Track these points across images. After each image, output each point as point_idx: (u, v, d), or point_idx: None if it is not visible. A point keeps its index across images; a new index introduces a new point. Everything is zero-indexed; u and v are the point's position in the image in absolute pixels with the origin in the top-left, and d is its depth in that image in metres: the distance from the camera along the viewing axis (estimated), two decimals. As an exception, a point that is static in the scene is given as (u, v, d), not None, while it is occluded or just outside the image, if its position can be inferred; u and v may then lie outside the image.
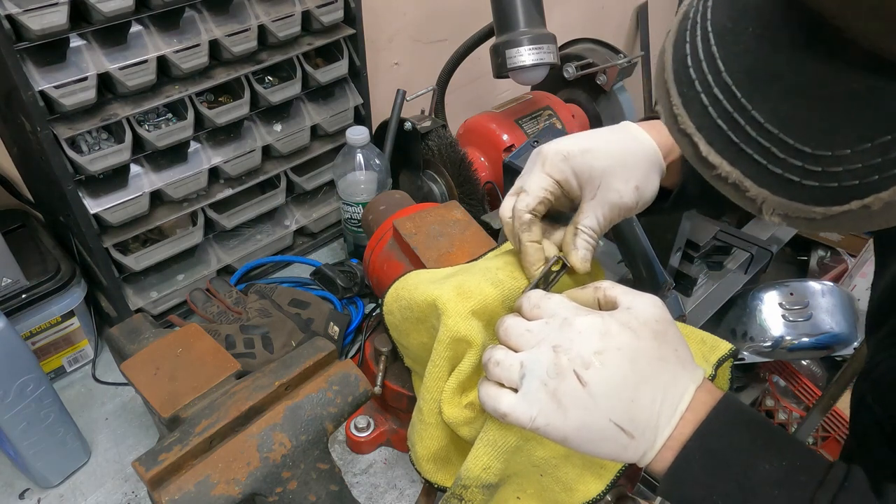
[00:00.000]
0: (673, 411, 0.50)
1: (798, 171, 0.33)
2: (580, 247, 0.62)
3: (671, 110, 0.37)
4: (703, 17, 0.36)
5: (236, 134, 1.01)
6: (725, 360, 0.66)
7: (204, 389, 0.66)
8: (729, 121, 0.34)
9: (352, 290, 1.04)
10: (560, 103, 1.28)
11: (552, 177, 0.62)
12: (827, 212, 0.33)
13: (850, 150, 0.31)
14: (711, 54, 0.35)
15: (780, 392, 1.83)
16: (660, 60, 0.39)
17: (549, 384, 0.51)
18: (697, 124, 0.36)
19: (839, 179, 0.32)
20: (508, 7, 1.05)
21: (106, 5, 0.77)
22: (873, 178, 0.31)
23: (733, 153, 0.35)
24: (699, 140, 0.36)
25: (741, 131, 0.34)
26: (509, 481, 0.64)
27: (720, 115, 0.34)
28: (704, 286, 1.23)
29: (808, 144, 0.32)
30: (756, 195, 0.35)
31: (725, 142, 0.35)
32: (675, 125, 0.37)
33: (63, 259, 0.93)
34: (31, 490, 0.82)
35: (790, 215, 0.35)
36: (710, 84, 0.35)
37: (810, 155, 0.32)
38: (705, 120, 0.35)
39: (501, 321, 0.57)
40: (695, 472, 0.49)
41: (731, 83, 0.34)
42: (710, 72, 0.35)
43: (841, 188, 0.32)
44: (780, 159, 0.33)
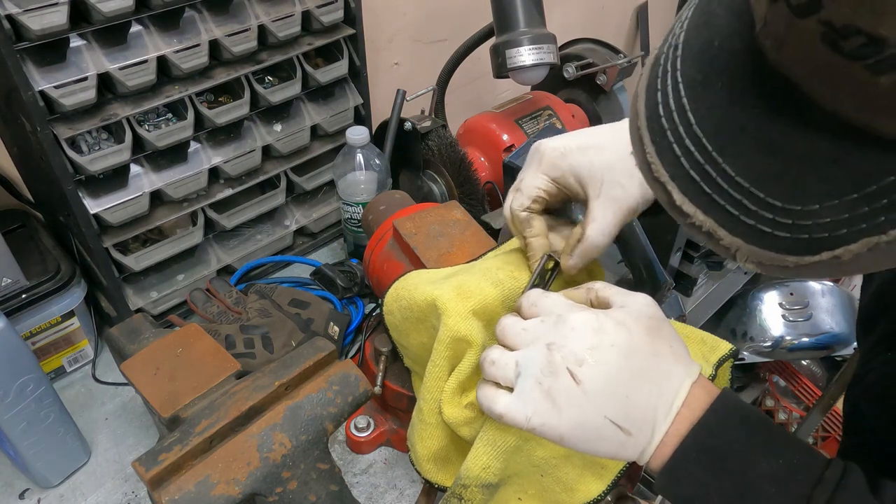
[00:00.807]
0: (669, 407, 0.50)
1: (769, 222, 0.33)
2: (576, 255, 0.62)
3: (645, 158, 0.37)
4: (673, 66, 0.36)
5: (236, 134, 1.01)
6: (726, 360, 0.66)
7: (204, 389, 0.66)
8: (701, 172, 0.34)
9: (352, 290, 1.04)
10: (560, 103, 1.28)
11: (548, 174, 0.63)
12: (799, 261, 0.34)
13: (819, 206, 0.32)
14: (682, 106, 0.35)
15: (780, 392, 1.83)
16: (633, 106, 0.39)
17: (543, 383, 0.51)
18: (671, 173, 0.36)
19: (809, 232, 0.32)
20: (508, 7, 1.05)
21: (106, 5, 0.77)
22: (842, 231, 0.32)
23: (706, 203, 0.35)
24: (673, 189, 0.36)
25: (713, 183, 0.34)
26: (510, 482, 0.64)
27: (692, 167, 0.35)
28: (704, 286, 1.23)
29: (777, 199, 0.33)
30: (730, 244, 0.35)
31: (698, 192, 0.35)
32: (650, 173, 0.37)
33: (63, 259, 0.92)
34: (31, 490, 0.82)
35: (764, 263, 0.35)
36: (682, 135, 0.35)
37: (780, 208, 0.33)
38: (678, 170, 0.35)
39: (499, 321, 0.57)
40: (691, 469, 0.49)
41: (701, 136, 0.34)
42: (682, 123, 0.35)
43: (812, 240, 0.33)
44: (751, 211, 0.34)
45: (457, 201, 0.92)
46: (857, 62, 0.27)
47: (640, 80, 0.38)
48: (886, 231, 0.31)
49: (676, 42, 0.36)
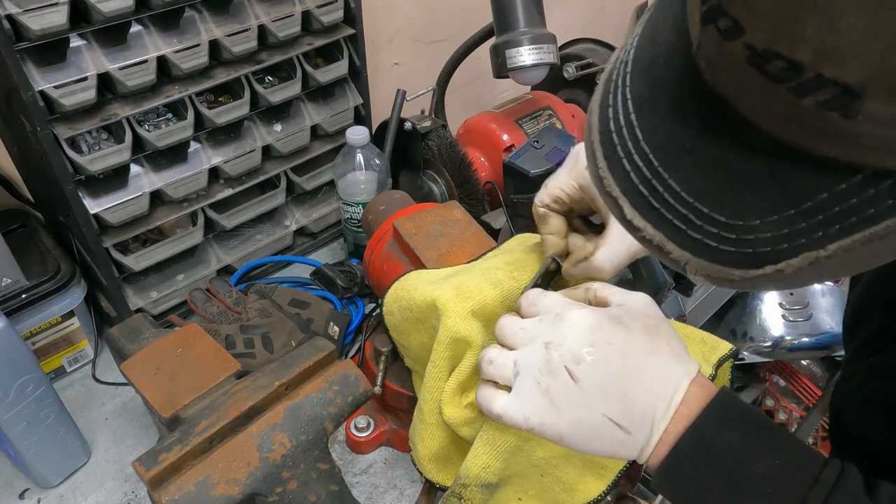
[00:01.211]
0: (667, 406, 0.50)
1: (715, 237, 0.34)
2: (578, 269, 0.62)
3: (598, 172, 0.38)
4: (623, 82, 0.37)
5: (236, 134, 1.01)
6: (726, 360, 0.66)
7: (204, 389, 0.66)
8: (649, 187, 0.35)
9: (352, 290, 1.04)
10: (560, 103, 1.28)
11: (575, 181, 0.63)
12: (744, 274, 0.34)
13: (760, 221, 0.32)
14: (630, 122, 0.35)
15: (780, 392, 1.83)
16: (588, 119, 0.39)
17: (541, 382, 0.51)
18: (622, 188, 0.36)
19: (752, 246, 0.33)
20: (508, 7, 1.05)
21: (106, 5, 0.77)
22: (783, 246, 0.32)
23: (655, 217, 0.35)
24: (624, 203, 0.36)
25: (660, 198, 0.35)
26: (510, 482, 0.64)
27: (641, 182, 0.35)
28: (704, 286, 1.23)
29: (721, 214, 0.33)
30: (679, 257, 0.36)
31: (647, 207, 0.35)
32: (602, 187, 0.38)
33: (63, 259, 0.92)
34: (31, 490, 0.82)
35: (712, 275, 0.36)
36: (631, 151, 0.35)
37: (724, 223, 0.33)
38: (629, 185, 0.36)
39: (498, 321, 0.57)
40: (687, 468, 0.49)
41: (648, 152, 0.35)
42: (630, 139, 0.35)
43: (755, 254, 0.33)
44: (697, 226, 0.34)
45: (457, 201, 0.92)
46: (781, 85, 0.27)
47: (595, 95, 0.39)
48: (825, 246, 0.31)
49: (627, 58, 0.37)
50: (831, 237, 0.31)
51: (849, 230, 0.31)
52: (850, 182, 0.30)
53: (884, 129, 0.27)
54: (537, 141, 0.99)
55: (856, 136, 0.27)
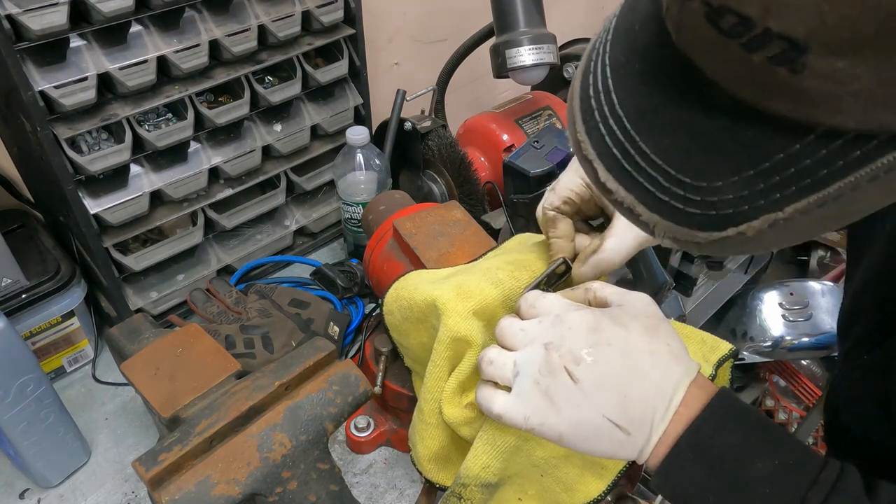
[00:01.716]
0: (667, 406, 0.50)
1: (681, 199, 0.35)
2: (589, 264, 0.62)
3: (576, 137, 0.39)
4: (603, 49, 0.38)
5: (236, 134, 1.01)
6: (726, 361, 0.66)
7: (204, 389, 0.66)
8: (622, 150, 0.36)
9: (352, 290, 1.04)
10: (560, 103, 1.28)
11: (584, 179, 0.63)
12: (709, 237, 0.35)
13: (722, 182, 0.34)
14: (608, 87, 0.37)
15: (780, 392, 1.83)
16: (571, 86, 0.40)
17: (541, 382, 0.51)
18: (597, 151, 0.38)
19: (716, 208, 0.34)
20: (508, 7, 1.05)
21: (106, 5, 0.77)
22: (744, 207, 0.33)
23: (627, 180, 0.37)
24: (598, 166, 0.38)
25: (632, 160, 0.36)
26: (510, 482, 0.64)
27: (615, 145, 0.37)
28: (704, 286, 1.23)
29: (687, 175, 0.35)
30: (648, 220, 0.37)
31: (619, 169, 0.37)
32: (580, 151, 0.39)
33: (63, 259, 0.92)
34: (31, 490, 0.82)
35: (679, 238, 0.37)
36: (607, 115, 0.37)
37: (689, 185, 0.35)
38: (603, 148, 0.37)
39: (498, 322, 0.57)
40: (686, 468, 0.49)
41: (622, 115, 0.36)
42: (607, 104, 0.37)
43: (718, 216, 0.34)
44: (665, 188, 0.35)
45: (457, 201, 0.92)
46: (734, 40, 0.28)
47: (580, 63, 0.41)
48: (783, 208, 0.32)
49: (609, 27, 0.38)
50: (788, 199, 0.32)
51: (804, 192, 0.31)
52: (804, 142, 0.31)
53: (828, 83, 0.27)
54: (537, 141, 0.99)
55: (803, 91, 0.28)
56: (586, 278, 0.63)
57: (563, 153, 0.97)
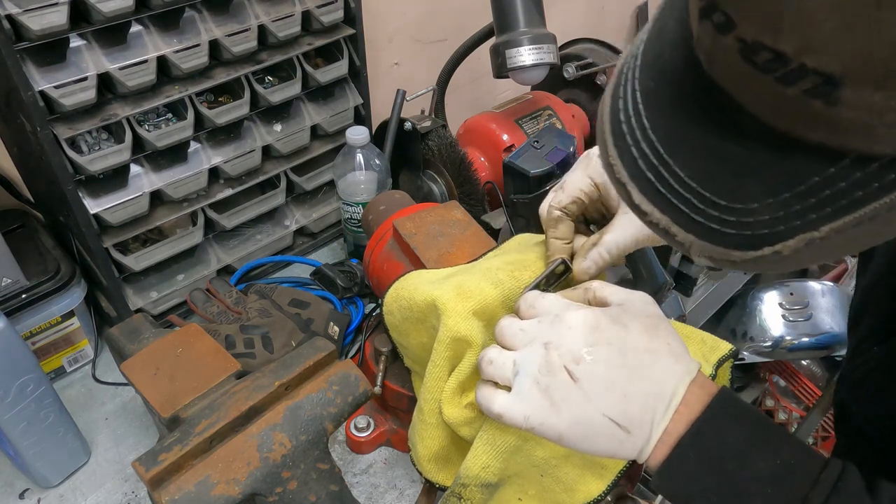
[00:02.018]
0: (667, 405, 0.51)
1: (716, 220, 0.36)
2: (589, 258, 0.63)
3: (608, 160, 0.39)
4: (632, 74, 0.39)
5: (236, 134, 1.01)
6: (725, 361, 0.66)
7: (204, 389, 0.66)
8: (655, 173, 0.37)
9: (352, 290, 1.04)
10: (560, 103, 1.28)
11: (592, 178, 0.64)
12: (744, 256, 0.36)
13: (757, 204, 0.34)
14: (638, 112, 0.37)
15: (780, 392, 1.83)
16: (600, 110, 0.41)
17: (541, 382, 0.51)
18: (630, 174, 0.38)
19: (751, 228, 0.35)
20: (508, 7, 1.05)
21: (106, 5, 0.77)
22: (780, 228, 0.34)
23: (662, 202, 0.37)
24: (632, 189, 0.38)
25: (665, 183, 0.37)
26: (510, 482, 0.64)
27: (648, 168, 0.37)
28: (704, 286, 1.23)
29: (721, 198, 0.35)
30: (684, 240, 0.37)
31: (654, 192, 0.37)
32: (613, 174, 0.39)
33: (63, 259, 0.92)
34: (31, 490, 0.82)
35: (715, 258, 0.37)
36: (639, 139, 0.37)
37: (724, 207, 0.35)
38: (636, 171, 0.38)
39: (498, 322, 0.57)
40: (687, 468, 0.49)
41: (654, 140, 0.37)
42: (638, 128, 0.37)
43: (754, 236, 0.35)
44: (700, 209, 0.36)
45: (457, 201, 0.92)
46: (768, 75, 0.29)
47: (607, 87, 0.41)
48: (818, 228, 0.33)
49: (637, 52, 0.39)
50: (824, 219, 0.32)
51: (840, 212, 0.32)
52: (839, 166, 0.31)
53: (863, 115, 0.28)
54: (537, 141, 0.99)
55: (838, 122, 0.29)
56: (587, 272, 0.63)
57: (563, 153, 0.97)
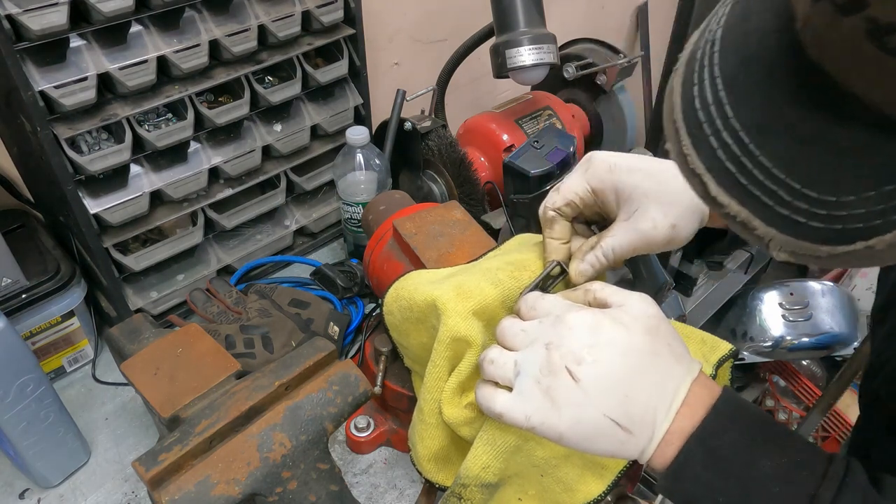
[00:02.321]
0: (669, 405, 0.51)
1: (804, 213, 0.34)
2: (587, 261, 0.62)
3: (681, 150, 0.38)
4: (710, 61, 0.37)
5: (236, 134, 1.01)
6: (726, 361, 0.66)
7: (204, 389, 0.66)
8: (737, 164, 0.35)
9: (352, 290, 1.04)
10: (560, 103, 1.28)
11: (589, 184, 0.63)
12: (832, 251, 0.34)
13: (855, 197, 0.33)
14: (719, 100, 0.36)
15: (780, 392, 1.83)
16: (668, 99, 0.39)
17: (542, 382, 0.51)
18: (707, 165, 0.37)
19: (843, 222, 0.33)
20: (508, 7, 1.05)
21: (106, 5, 0.77)
22: (877, 222, 0.32)
23: (741, 194, 0.36)
24: (709, 181, 0.37)
25: (749, 174, 0.35)
26: (510, 482, 0.64)
27: (729, 159, 0.35)
28: (704, 286, 1.23)
29: (813, 189, 0.33)
30: (764, 234, 0.36)
31: (734, 183, 0.36)
32: (685, 165, 0.38)
33: (63, 259, 0.92)
34: (31, 490, 0.82)
35: (797, 252, 0.36)
36: (719, 128, 0.35)
37: (815, 199, 0.33)
38: (714, 162, 0.36)
39: (499, 323, 0.57)
40: (696, 469, 0.49)
41: (738, 128, 0.35)
42: (719, 116, 0.35)
43: (845, 230, 0.33)
44: (786, 202, 0.34)
45: (457, 201, 0.92)
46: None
47: (674, 76, 0.39)
48: None
49: (713, 38, 0.37)
50: None
51: None
52: None
53: None
54: (537, 141, 0.99)
55: None
56: (583, 275, 0.63)
57: (563, 153, 0.97)
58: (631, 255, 0.62)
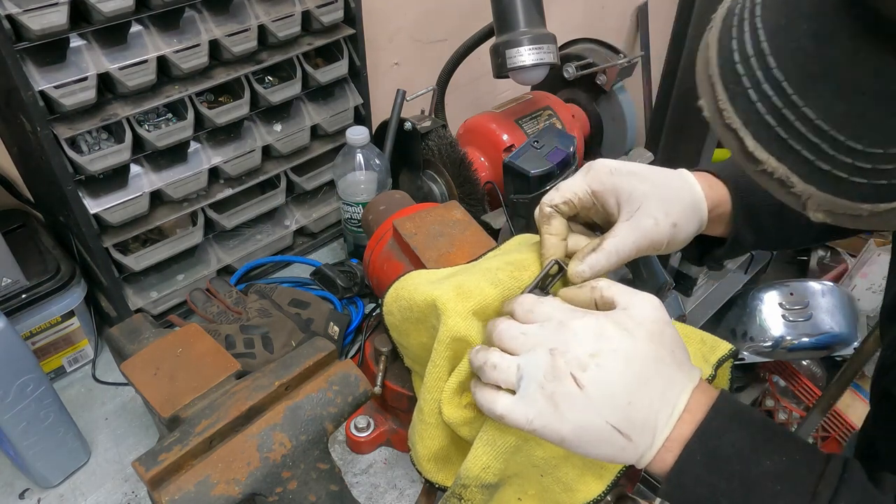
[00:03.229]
0: (670, 413, 0.51)
1: (847, 167, 0.33)
2: (586, 262, 0.62)
3: (716, 105, 0.37)
4: (751, 13, 0.36)
5: (236, 134, 1.01)
6: (725, 361, 0.66)
7: (204, 389, 0.66)
8: (778, 117, 0.34)
9: (352, 290, 1.04)
10: (560, 103, 1.28)
11: (590, 186, 0.63)
12: (874, 209, 0.33)
13: None
14: (761, 50, 0.34)
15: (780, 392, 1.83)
16: (702, 55, 0.38)
17: (546, 387, 0.51)
18: (744, 119, 0.36)
19: (889, 177, 0.32)
20: (508, 7, 1.05)
21: (106, 5, 0.77)
22: None
23: (781, 149, 0.35)
24: (745, 135, 0.36)
25: (790, 127, 0.34)
26: (510, 482, 0.64)
27: (769, 111, 0.34)
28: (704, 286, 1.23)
29: (860, 141, 0.32)
30: (802, 191, 0.35)
31: (773, 138, 0.35)
32: (721, 120, 0.37)
33: (63, 259, 0.93)
34: (31, 490, 0.82)
35: (835, 212, 0.35)
36: (760, 80, 0.34)
37: (861, 152, 0.32)
38: (753, 115, 0.35)
39: (493, 324, 0.57)
40: (697, 471, 0.49)
41: (782, 79, 0.34)
42: (760, 67, 0.34)
43: (890, 185, 0.32)
44: (829, 156, 0.33)
45: (457, 201, 0.92)
46: None
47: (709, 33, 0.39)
48: None
49: None
50: None
51: None
52: None
53: None
54: (537, 141, 0.99)
55: None
56: (581, 276, 0.63)
57: (563, 153, 0.97)
58: (634, 257, 0.62)
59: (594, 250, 0.62)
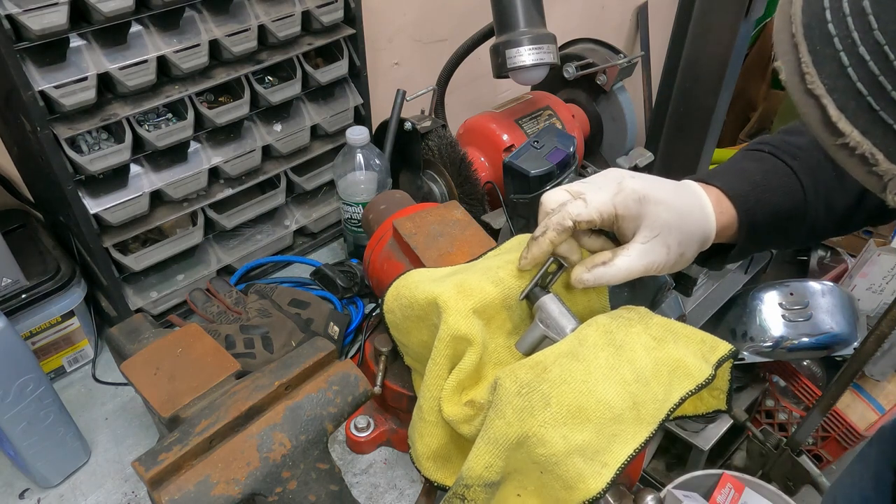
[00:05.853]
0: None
1: None
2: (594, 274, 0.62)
3: (799, 68, 0.33)
4: None
5: (236, 134, 1.01)
6: (725, 361, 0.66)
7: (204, 389, 0.66)
8: (872, 84, 0.31)
9: (352, 290, 1.04)
10: (560, 103, 1.28)
11: (616, 208, 0.61)
12: None
13: None
14: (861, 9, 0.31)
15: (780, 392, 1.83)
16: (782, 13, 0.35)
17: None
18: (830, 86, 0.32)
19: None
20: (508, 7, 1.05)
21: (106, 5, 0.77)
22: None
23: (868, 121, 0.31)
24: (828, 103, 0.33)
25: (885, 98, 0.31)
26: (510, 478, 0.64)
27: (862, 78, 0.31)
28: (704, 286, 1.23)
29: None
30: (885, 171, 0.32)
31: (862, 108, 0.31)
32: (802, 85, 0.34)
33: (63, 259, 0.93)
34: (31, 490, 0.82)
35: None
36: (856, 42, 0.31)
37: None
38: (842, 81, 0.32)
39: None
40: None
41: (883, 42, 0.30)
42: (857, 28, 0.31)
43: None
44: None
45: (457, 201, 0.92)
46: None
47: None
48: None
49: None
50: None
51: None
52: None
53: None
54: (537, 141, 0.99)
55: None
56: (584, 284, 0.63)
57: (563, 153, 0.97)
58: (639, 275, 0.62)
59: (605, 264, 0.62)
